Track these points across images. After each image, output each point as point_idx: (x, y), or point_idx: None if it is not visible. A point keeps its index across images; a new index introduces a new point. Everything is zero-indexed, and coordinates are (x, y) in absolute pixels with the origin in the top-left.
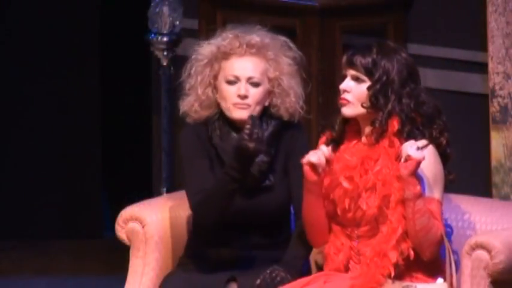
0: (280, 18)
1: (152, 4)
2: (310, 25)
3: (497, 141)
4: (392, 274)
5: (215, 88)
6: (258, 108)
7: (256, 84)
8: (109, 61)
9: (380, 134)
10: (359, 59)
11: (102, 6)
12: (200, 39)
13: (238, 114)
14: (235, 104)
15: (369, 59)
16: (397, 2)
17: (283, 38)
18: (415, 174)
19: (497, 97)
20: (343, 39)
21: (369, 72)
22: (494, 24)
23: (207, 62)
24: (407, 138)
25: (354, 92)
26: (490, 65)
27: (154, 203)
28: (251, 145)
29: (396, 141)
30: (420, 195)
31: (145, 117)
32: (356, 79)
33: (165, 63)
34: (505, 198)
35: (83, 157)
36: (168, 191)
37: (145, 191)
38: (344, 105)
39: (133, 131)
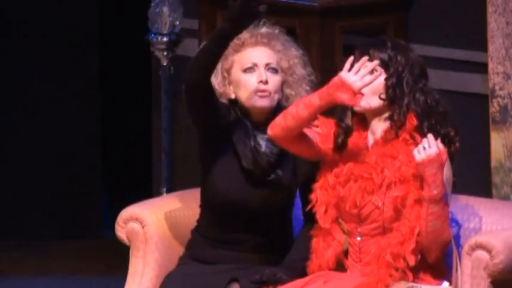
0: (280, 18)
1: (152, 4)
2: (310, 25)
3: (497, 142)
4: (411, 279)
5: (229, 83)
6: (277, 97)
7: (274, 71)
8: (109, 61)
9: (399, 128)
10: (375, 52)
11: (102, 7)
12: (200, 40)
13: (261, 102)
14: (256, 92)
15: (385, 53)
16: (397, 2)
17: (285, 36)
18: (437, 176)
19: (497, 97)
20: (343, 39)
21: (385, 65)
22: (494, 24)
23: (221, 60)
24: (424, 136)
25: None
26: (490, 65)
27: (154, 203)
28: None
29: (418, 136)
30: (435, 200)
31: (145, 117)
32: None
33: (165, 64)
34: (505, 198)
35: (83, 157)
36: (168, 191)
37: (145, 191)
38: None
39: (133, 131)
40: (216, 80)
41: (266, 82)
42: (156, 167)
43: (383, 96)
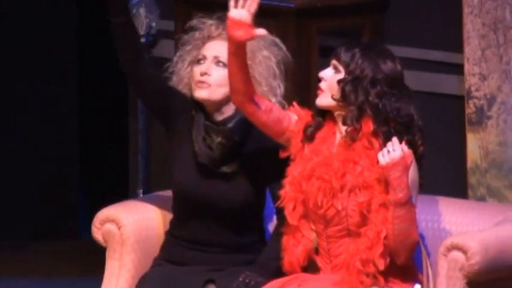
0: (256, 19)
1: (129, 6)
2: (286, 26)
3: (473, 143)
4: (382, 283)
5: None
6: (221, 91)
7: (223, 65)
8: (86, 62)
9: (355, 133)
10: (342, 51)
11: (79, 8)
12: (176, 41)
13: (197, 93)
14: (196, 83)
15: (350, 53)
16: (374, 3)
17: (271, 37)
18: (402, 179)
19: (473, 98)
20: (319, 41)
21: (346, 65)
22: (470, 25)
23: (190, 48)
24: (386, 140)
25: (328, 81)
26: (466, 67)
27: (131, 204)
28: None
29: (375, 141)
30: (400, 204)
31: (122, 119)
32: (335, 69)
33: None
34: (481, 199)
35: (60, 158)
36: (144, 193)
37: (121, 193)
38: (318, 95)
39: (110, 133)
40: (183, 71)
41: (204, 74)
42: (133, 169)
43: (335, 96)
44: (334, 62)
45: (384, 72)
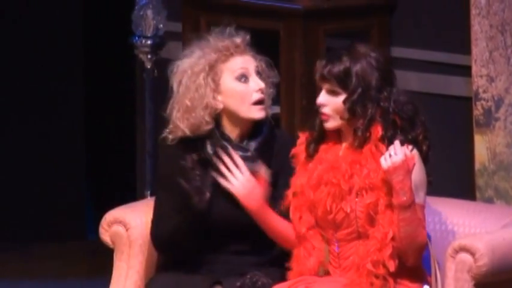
0: (263, 21)
1: (136, 7)
2: (293, 28)
3: (480, 144)
4: (392, 285)
5: (218, 93)
6: None
7: (261, 76)
8: (93, 64)
9: (363, 141)
10: (331, 72)
11: (86, 9)
12: (183, 42)
13: (259, 115)
14: (255, 103)
15: (341, 69)
16: (381, 5)
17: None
18: (405, 182)
19: (480, 100)
20: (326, 42)
21: (343, 83)
22: (478, 27)
23: (208, 71)
24: (390, 143)
25: (330, 106)
26: (474, 68)
27: (139, 206)
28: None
29: (382, 146)
30: (404, 207)
31: (130, 120)
32: (331, 92)
33: (149, 66)
34: (488, 201)
35: (67, 159)
36: (152, 194)
37: (129, 194)
38: (325, 120)
39: (117, 134)
40: (196, 93)
41: (263, 91)
42: (141, 170)
43: (345, 117)
44: (327, 86)
45: (379, 70)
